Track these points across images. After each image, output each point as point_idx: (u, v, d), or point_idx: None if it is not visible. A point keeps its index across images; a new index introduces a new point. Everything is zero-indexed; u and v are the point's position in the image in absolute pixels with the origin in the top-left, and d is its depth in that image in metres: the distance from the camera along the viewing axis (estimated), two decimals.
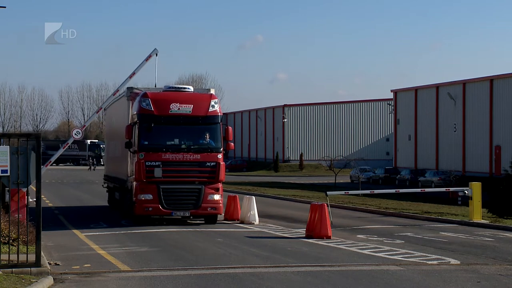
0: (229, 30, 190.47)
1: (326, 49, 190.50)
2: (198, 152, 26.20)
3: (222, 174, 26.44)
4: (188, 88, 27.86)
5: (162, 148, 26.05)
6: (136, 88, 29.12)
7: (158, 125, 26.13)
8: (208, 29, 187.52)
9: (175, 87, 28.00)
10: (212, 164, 26.19)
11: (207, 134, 26.45)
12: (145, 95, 26.52)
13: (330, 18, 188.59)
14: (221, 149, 26.49)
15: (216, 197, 26.27)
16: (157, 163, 25.86)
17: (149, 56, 34.91)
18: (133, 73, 35.41)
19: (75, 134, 35.51)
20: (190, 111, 26.26)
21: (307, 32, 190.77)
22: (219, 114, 26.77)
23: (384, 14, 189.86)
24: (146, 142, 26.03)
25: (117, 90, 36.49)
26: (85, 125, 42.15)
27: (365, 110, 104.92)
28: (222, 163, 26.40)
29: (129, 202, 27.61)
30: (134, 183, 26.34)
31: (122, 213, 29.86)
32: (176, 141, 26.38)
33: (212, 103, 26.57)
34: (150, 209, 25.86)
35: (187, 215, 26.39)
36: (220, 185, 26.54)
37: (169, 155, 26.02)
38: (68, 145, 39.16)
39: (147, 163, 25.81)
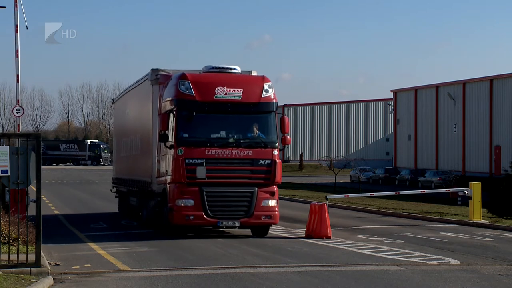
0: (236, 29, 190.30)
1: (329, 49, 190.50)
2: (249, 147, 21.96)
3: (279, 175, 22.21)
4: (235, 69, 23.28)
5: (206, 142, 21.76)
6: (163, 70, 24.12)
7: (200, 114, 21.85)
8: (214, 29, 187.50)
9: (219, 68, 23.20)
10: (266, 162, 21.96)
11: (260, 126, 22.36)
12: (183, 77, 22.17)
13: (333, 18, 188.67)
14: (277, 143, 22.25)
15: (272, 202, 22.11)
16: (199, 161, 21.58)
17: None
18: (22, 25, 34.61)
19: (16, 112, 34.55)
20: (239, 97, 22.05)
21: (310, 32, 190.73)
22: (274, 101, 22.50)
23: (385, 15, 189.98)
24: (186, 135, 21.76)
25: (17, 51, 35.57)
26: (18, 99, 40.93)
27: (365, 110, 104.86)
28: (278, 161, 22.12)
29: (157, 209, 23.72)
30: (169, 185, 22.10)
31: (141, 223, 26.28)
32: (223, 133, 22.18)
33: (266, 87, 22.41)
34: (192, 217, 21.52)
35: (236, 225, 21.98)
36: (275, 188, 22.33)
37: (215, 151, 21.72)
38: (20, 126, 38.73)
39: (187, 161, 21.51)
